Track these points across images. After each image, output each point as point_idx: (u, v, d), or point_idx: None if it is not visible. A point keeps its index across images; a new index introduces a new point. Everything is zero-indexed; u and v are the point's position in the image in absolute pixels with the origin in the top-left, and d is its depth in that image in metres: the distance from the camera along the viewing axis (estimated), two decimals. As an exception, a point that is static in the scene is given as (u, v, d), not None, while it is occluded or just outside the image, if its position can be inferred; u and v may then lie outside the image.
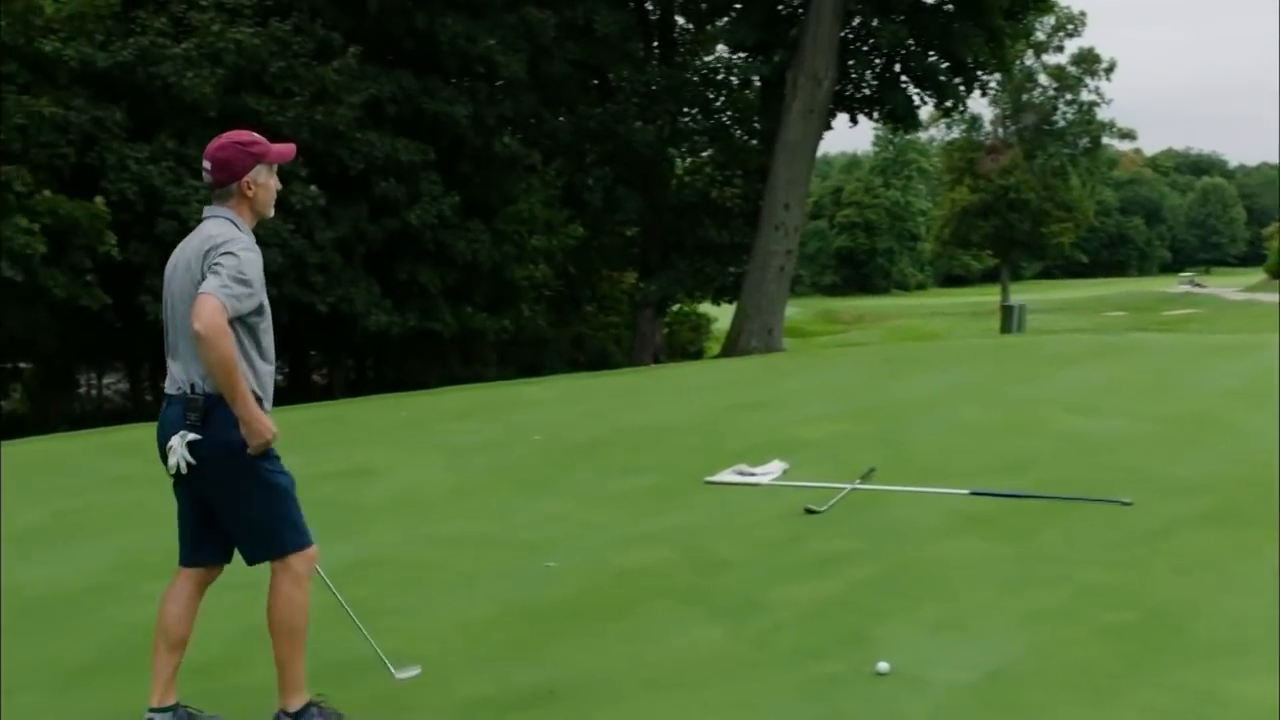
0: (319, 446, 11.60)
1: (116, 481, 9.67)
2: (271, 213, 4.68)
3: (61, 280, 19.87)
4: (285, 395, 25.70)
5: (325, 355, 31.14)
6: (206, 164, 4.55)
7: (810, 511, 7.88)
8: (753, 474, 9.10)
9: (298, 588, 4.57)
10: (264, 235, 21.60)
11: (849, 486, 8.47)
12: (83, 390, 28.73)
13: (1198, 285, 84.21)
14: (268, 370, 4.54)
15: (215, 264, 4.30)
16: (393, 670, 4.99)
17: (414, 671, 5.04)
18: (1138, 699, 4.80)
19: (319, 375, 32.05)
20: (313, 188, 22.82)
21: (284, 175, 19.26)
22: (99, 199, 20.15)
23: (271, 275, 19.03)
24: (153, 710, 4.57)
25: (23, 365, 26.89)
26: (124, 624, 4.79)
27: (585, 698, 5.03)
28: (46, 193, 19.62)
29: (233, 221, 4.51)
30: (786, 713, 4.80)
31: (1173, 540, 7.04)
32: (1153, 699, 4.79)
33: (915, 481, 8.65)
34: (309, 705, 4.58)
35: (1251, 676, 4.93)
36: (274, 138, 4.63)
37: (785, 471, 9.21)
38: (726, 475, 9.12)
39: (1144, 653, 5.29)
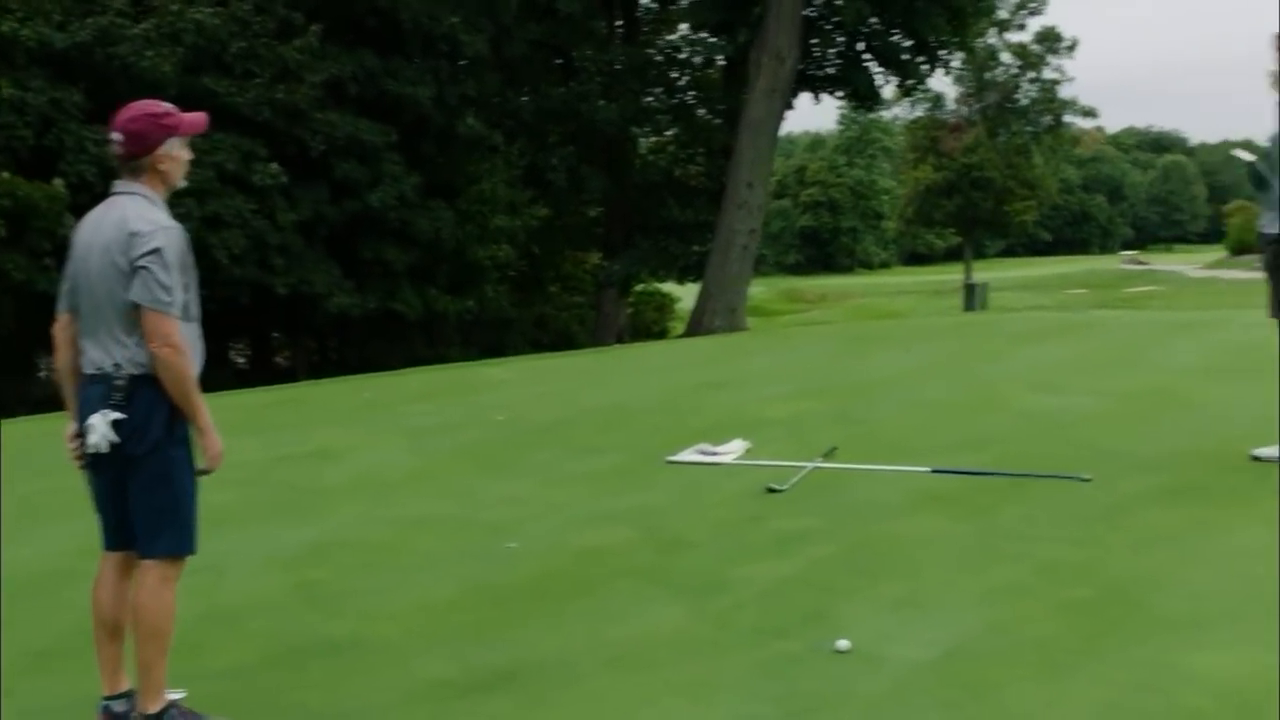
0: (280, 429, 11.59)
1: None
2: (183, 184, 4.56)
3: (20, 263, 19.74)
4: (247, 378, 25.61)
5: (288, 337, 31.03)
6: (117, 136, 4.35)
7: (772, 490, 7.88)
8: (714, 453, 9.10)
9: (168, 589, 4.40)
10: (226, 216, 21.63)
11: (810, 465, 8.48)
12: (42, 374, 28.49)
13: (1141, 263, 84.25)
14: (192, 329, 4.41)
15: (144, 266, 4.18)
16: None
17: (179, 694, 4.90)
18: (1095, 674, 4.81)
19: (282, 357, 31.93)
20: (274, 165, 22.70)
21: (245, 157, 19.07)
22: (57, 181, 20.00)
23: (233, 257, 18.96)
24: (106, 699, 4.52)
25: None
26: (83, 609, 4.74)
27: (546, 678, 5.02)
28: (4, 175, 19.45)
29: (148, 199, 4.35)
30: (746, 691, 4.80)
31: (1132, 516, 7.07)
32: (1110, 674, 4.81)
33: (877, 459, 8.67)
34: (169, 707, 4.43)
35: (1209, 650, 4.96)
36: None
37: (747, 450, 9.22)
38: (688, 454, 9.12)
39: (1102, 628, 5.31)
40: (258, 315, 26.87)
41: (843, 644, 5.14)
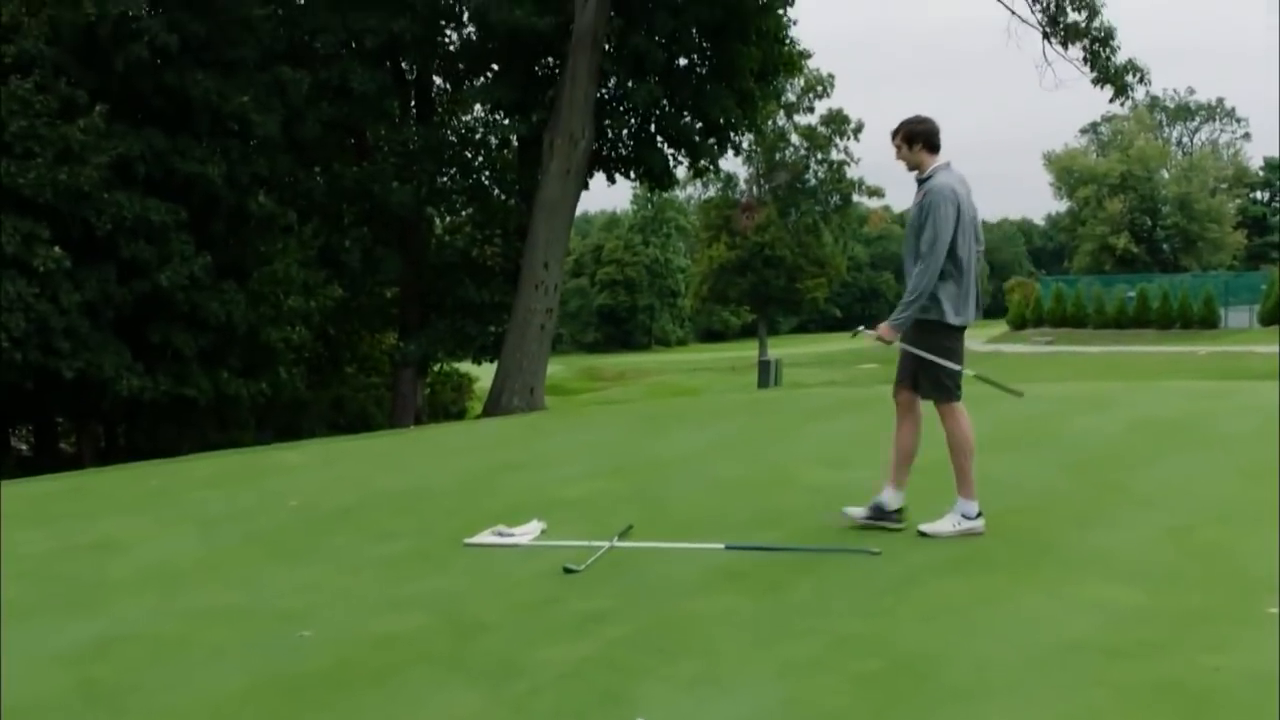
0: (62, 519, 11.23)
1: None
2: None
3: None
4: (30, 466, 24.76)
5: (74, 422, 30.09)
6: None
7: (568, 571, 7.89)
8: (511, 535, 9.08)
9: None
10: (6, 299, 20.92)
11: (607, 544, 8.51)
12: None
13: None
14: None
15: None
16: None
17: None
18: (885, 746, 4.92)
19: (67, 444, 30.95)
20: (56, 249, 22.12)
21: (26, 239, 18.50)
22: None
23: (14, 341, 18.39)
24: None
25: None
26: None
27: (339, 771, 4.94)
28: None
29: None
30: (543, 776, 4.79)
31: (919, 588, 7.24)
32: (900, 746, 4.91)
33: (672, 537, 8.73)
34: None
35: None
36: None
37: (543, 531, 9.22)
38: (485, 537, 9.08)
39: (891, 700, 5.42)
40: (42, 400, 26.05)
41: (640, 724, 5.16)
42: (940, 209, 8.23)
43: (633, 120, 32.37)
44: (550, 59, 31.87)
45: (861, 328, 8.95)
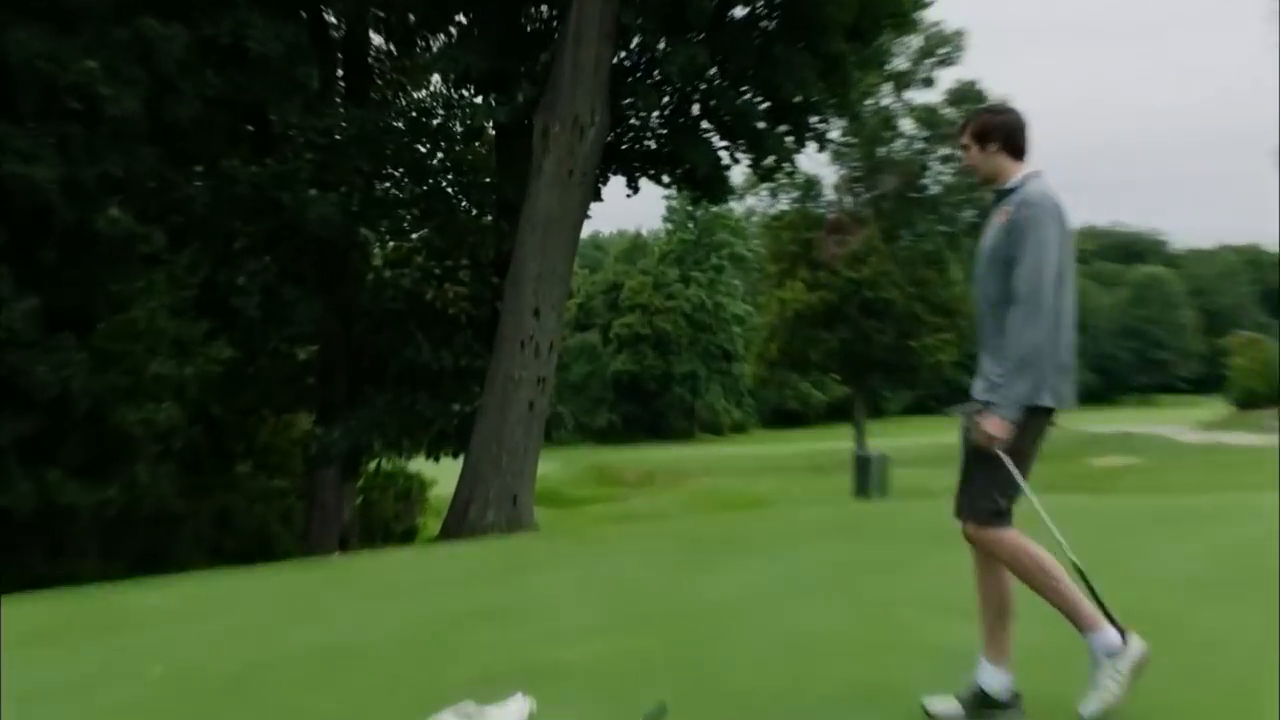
0: None
1: None
2: None
3: None
4: None
5: None
6: None
7: (570, 775, 7.88)
8: (483, 717, 9.06)
9: None
10: None
11: (628, 734, 8.50)
12: None
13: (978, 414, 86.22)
14: None
15: None
16: None
17: None
18: None
19: None
20: None
21: None
22: None
23: None
24: None
25: None
26: None
27: None
28: None
29: None
30: None
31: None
32: None
33: (726, 723, 8.72)
34: None
35: None
36: None
37: (531, 714, 9.20)
38: (445, 721, 9.07)
39: None
40: None
41: None
42: (1040, 228, 7.62)
43: (666, 98, 32.38)
44: (544, 7, 32.04)
45: (977, 405, 8.10)
